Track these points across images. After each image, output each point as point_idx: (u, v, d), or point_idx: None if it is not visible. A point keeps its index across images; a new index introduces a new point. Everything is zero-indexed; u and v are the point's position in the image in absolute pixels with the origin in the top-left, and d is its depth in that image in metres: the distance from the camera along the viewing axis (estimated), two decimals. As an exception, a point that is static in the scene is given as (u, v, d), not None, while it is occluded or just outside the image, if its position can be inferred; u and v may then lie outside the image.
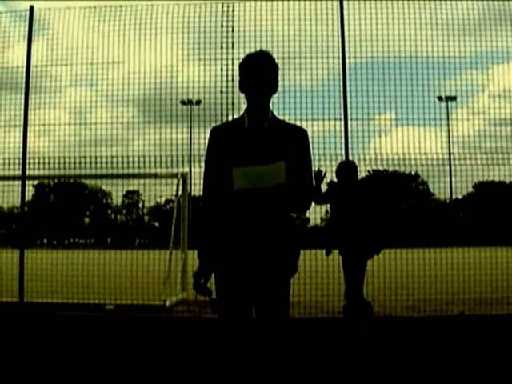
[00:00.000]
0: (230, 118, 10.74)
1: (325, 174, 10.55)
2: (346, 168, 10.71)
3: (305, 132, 4.88)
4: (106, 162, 11.86)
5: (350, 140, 11.11)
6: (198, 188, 13.09)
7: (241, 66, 4.80)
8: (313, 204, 5.08)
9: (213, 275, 4.75)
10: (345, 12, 11.21)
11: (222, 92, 11.48)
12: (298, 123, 5.20)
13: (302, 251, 4.90)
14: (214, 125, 5.06)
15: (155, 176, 12.86)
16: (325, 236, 10.79)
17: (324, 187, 10.61)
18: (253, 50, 4.88)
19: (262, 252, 4.56)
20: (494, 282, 11.45)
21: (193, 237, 13.12)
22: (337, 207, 10.61)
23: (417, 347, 8.13)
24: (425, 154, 11.43)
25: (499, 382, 6.60)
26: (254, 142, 4.65)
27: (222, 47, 11.55)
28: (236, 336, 4.62)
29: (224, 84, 11.50)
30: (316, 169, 10.58)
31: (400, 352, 7.89)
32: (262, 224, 4.56)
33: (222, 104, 11.45)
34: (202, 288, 4.69)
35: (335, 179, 10.76)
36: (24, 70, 11.83)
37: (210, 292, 4.68)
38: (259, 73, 4.67)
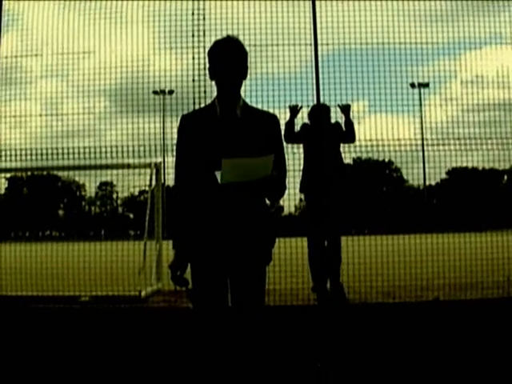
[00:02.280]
0: (197, 108, 10.75)
1: (300, 107, 10.78)
2: (319, 110, 10.89)
3: (276, 118, 4.88)
4: (79, 153, 11.77)
5: (322, 128, 11.13)
6: (171, 178, 12.98)
7: (209, 52, 4.78)
8: (286, 192, 5.07)
9: (189, 265, 4.74)
10: (316, -2, 11.21)
11: (193, 81, 11.41)
12: (271, 111, 5.18)
13: (277, 239, 4.89)
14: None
15: (128, 166, 12.79)
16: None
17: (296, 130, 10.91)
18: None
19: (237, 241, 4.55)
20: (468, 267, 11.51)
21: (168, 227, 13.10)
22: (309, 149, 10.84)
23: (392, 333, 8.16)
24: (398, 139, 11.46)
25: (475, 366, 6.65)
26: (228, 129, 4.63)
27: (193, 35, 11.47)
28: (212, 325, 4.62)
29: (196, 72, 11.44)
30: (291, 104, 10.84)
31: (376, 338, 7.91)
32: (238, 213, 4.55)
33: (194, 93, 11.40)
34: (178, 279, 4.68)
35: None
36: (-6, 62, 11.74)
37: (187, 282, 4.67)
38: (227, 58, 4.65)
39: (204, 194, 4.58)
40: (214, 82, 4.79)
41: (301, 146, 11.08)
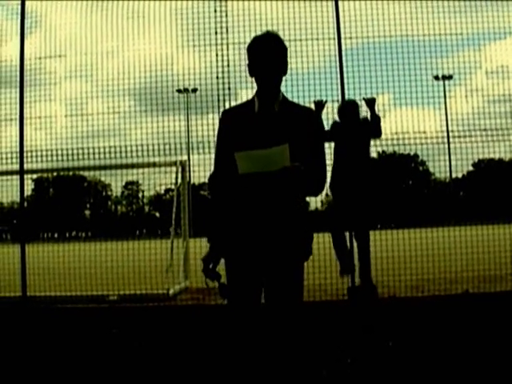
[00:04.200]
0: (227, 104, 10.74)
1: (325, 102, 10.74)
2: (348, 107, 10.86)
3: (314, 113, 4.86)
4: (105, 153, 11.83)
5: (348, 122, 11.10)
6: (197, 175, 13.10)
7: (248, 48, 4.74)
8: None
9: (222, 260, 4.72)
10: (339, -8, 11.17)
11: (217, 78, 11.42)
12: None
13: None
14: (210, 111, 5.06)
15: (154, 165, 12.82)
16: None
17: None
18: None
19: (271, 236, 4.52)
20: (496, 259, 11.44)
21: (201, 222, 13.10)
22: (339, 147, 10.80)
23: (422, 327, 8.12)
24: (424, 132, 11.41)
25: (505, 359, 6.59)
26: (264, 125, 4.61)
27: (216, 32, 11.48)
28: (246, 321, 4.60)
29: (220, 70, 11.45)
30: (315, 99, 10.82)
31: (405, 332, 7.88)
32: (269, 208, 4.52)
33: (218, 90, 11.40)
34: (211, 272, 4.66)
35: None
36: (18, 63, 11.79)
37: (219, 276, 4.64)
38: (267, 54, 4.62)
39: (237, 189, 4.56)
40: (242, 78, 4.79)
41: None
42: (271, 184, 4.45)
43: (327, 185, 10.99)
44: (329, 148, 11.07)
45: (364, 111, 11.01)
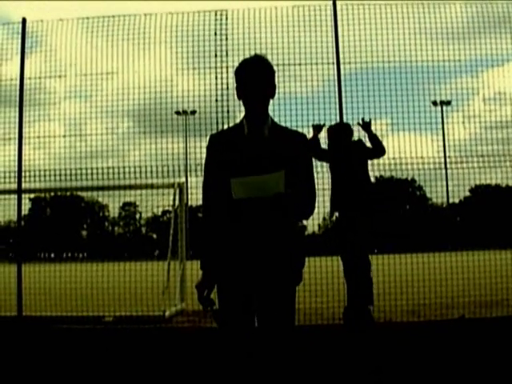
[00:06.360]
0: (225, 127, 10.77)
1: (323, 125, 10.74)
2: (337, 129, 10.87)
3: (305, 137, 4.83)
4: (103, 174, 11.83)
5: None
6: (194, 198, 13.09)
7: (236, 71, 4.73)
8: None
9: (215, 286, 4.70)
10: (338, 18, 11.22)
11: (216, 101, 11.46)
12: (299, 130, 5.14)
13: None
14: (209, 134, 5.02)
15: (152, 186, 12.83)
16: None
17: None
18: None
19: (264, 261, 4.50)
20: (493, 284, 11.44)
21: (194, 247, 13.08)
22: (333, 169, 10.78)
23: (418, 352, 8.10)
24: (421, 158, 11.43)
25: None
26: (255, 150, 4.58)
27: (216, 56, 11.54)
28: (239, 347, 4.57)
29: (219, 93, 11.49)
30: (313, 123, 10.82)
31: (401, 357, 7.85)
32: (263, 233, 4.50)
33: (217, 113, 11.43)
34: (205, 299, 4.64)
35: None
36: (18, 83, 11.83)
37: (213, 303, 4.63)
38: (254, 77, 4.59)
39: (231, 215, 4.53)
40: (240, 102, 4.74)
41: (325, 164, 11.03)
42: (264, 209, 4.44)
43: (320, 207, 11.01)
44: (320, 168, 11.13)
45: (362, 136, 11.01)
